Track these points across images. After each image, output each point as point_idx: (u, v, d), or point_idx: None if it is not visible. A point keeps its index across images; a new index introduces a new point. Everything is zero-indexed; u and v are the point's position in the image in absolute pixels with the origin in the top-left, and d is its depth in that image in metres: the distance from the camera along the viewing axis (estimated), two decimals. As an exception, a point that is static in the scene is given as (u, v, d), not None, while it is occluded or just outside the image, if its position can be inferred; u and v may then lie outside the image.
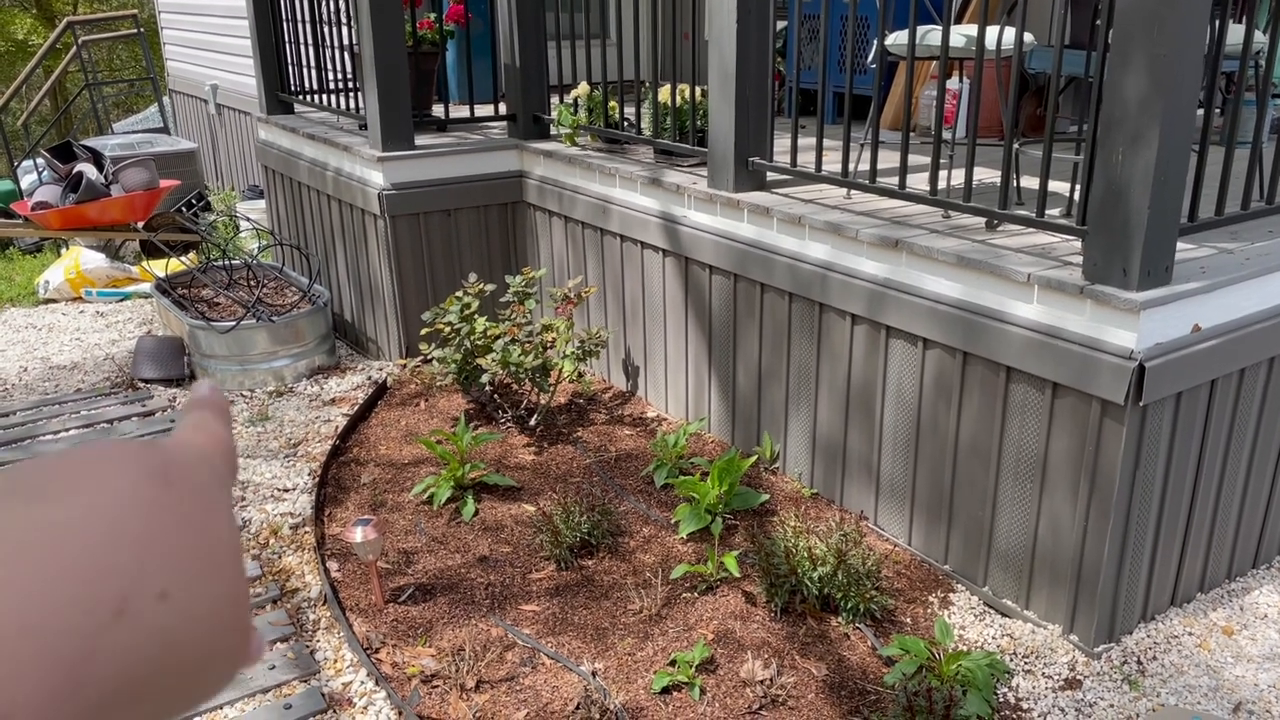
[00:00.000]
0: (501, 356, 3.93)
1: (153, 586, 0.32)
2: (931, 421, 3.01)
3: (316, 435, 4.12)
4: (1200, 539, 2.89)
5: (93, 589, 0.31)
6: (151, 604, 0.32)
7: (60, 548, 0.31)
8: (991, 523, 2.90)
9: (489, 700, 2.60)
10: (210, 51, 8.86)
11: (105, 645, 0.31)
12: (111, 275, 6.48)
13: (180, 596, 0.33)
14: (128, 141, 8.13)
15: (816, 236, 3.27)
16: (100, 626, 0.31)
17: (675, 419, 4.15)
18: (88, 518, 0.32)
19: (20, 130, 9.97)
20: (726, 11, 3.41)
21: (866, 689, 2.62)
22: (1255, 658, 2.72)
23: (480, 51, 5.61)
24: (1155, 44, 2.27)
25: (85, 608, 0.31)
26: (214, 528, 0.36)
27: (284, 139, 5.68)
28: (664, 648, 2.78)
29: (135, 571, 0.32)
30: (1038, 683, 2.64)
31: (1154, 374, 2.43)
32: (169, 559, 0.33)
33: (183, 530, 0.34)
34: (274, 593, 3.11)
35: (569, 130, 4.49)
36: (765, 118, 3.56)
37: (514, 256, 4.94)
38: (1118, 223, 2.44)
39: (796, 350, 3.45)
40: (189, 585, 0.34)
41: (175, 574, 0.33)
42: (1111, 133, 2.40)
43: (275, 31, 5.72)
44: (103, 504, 0.33)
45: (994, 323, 2.72)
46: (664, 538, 3.30)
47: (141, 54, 10.26)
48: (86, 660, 0.30)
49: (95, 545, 0.32)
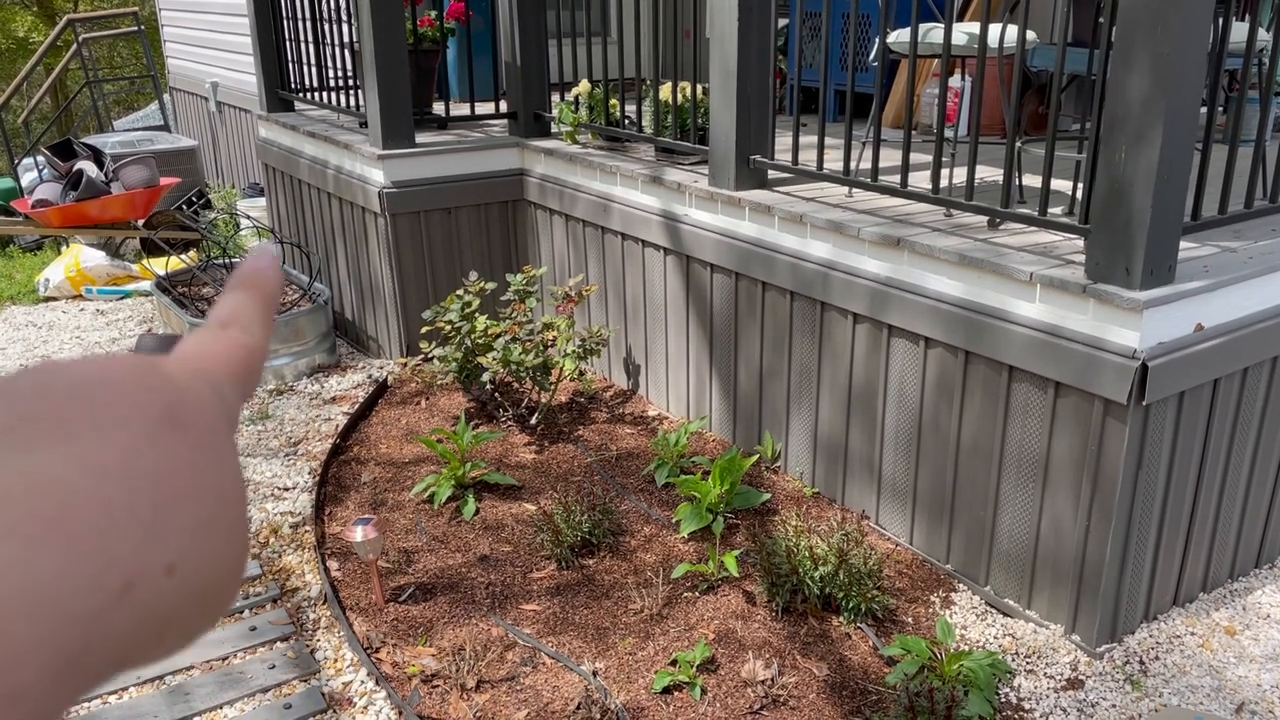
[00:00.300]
0: (502, 355, 3.92)
1: (161, 559, 0.29)
2: (933, 421, 3.00)
3: (317, 434, 4.11)
4: (1203, 539, 2.88)
5: (100, 563, 0.27)
6: (159, 579, 0.29)
7: (64, 513, 0.27)
8: (993, 522, 2.89)
9: (489, 700, 2.60)
10: (211, 49, 8.85)
11: (110, 624, 0.27)
12: (112, 273, 6.47)
13: (188, 567, 0.30)
14: (128, 139, 8.12)
15: (818, 235, 3.26)
16: (107, 605, 0.27)
17: (676, 418, 4.14)
18: (96, 476, 0.28)
19: (21, 128, 9.97)
20: (728, 9, 3.40)
21: (868, 689, 2.61)
22: (1258, 658, 2.72)
23: (481, 49, 5.60)
24: (1158, 42, 2.26)
25: (92, 584, 0.27)
26: (221, 480, 0.32)
27: (284, 137, 5.67)
28: (665, 647, 2.77)
29: (144, 543, 0.28)
30: (1040, 683, 2.63)
31: (1157, 373, 2.42)
32: (178, 527, 0.30)
33: (191, 490, 0.30)
34: (274, 592, 3.10)
35: (570, 128, 4.48)
36: (767, 116, 3.56)
37: (515, 255, 4.93)
38: (1120, 221, 2.43)
39: (798, 349, 3.44)
40: (197, 554, 0.30)
41: (183, 543, 0.30)
42: (1114, 131, 2.39)
43: (276, 29, 5.71)
44: (112, 459, 0.29)
45: (996, 322, 2.71)
46: (665, 537, 3.29)
47: (142, 51, 10.25)
48: (89, 641, 0.27)
49: (100, 511, 0.28)
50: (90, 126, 10.90)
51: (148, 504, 0.29)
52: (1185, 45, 2.25)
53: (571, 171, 4.44)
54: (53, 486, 0.28)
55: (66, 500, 0.27)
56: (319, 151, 5.20)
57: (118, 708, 2.65)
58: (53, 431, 0.29)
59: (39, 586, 0.26)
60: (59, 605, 0.26)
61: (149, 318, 5.90)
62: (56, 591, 0.26)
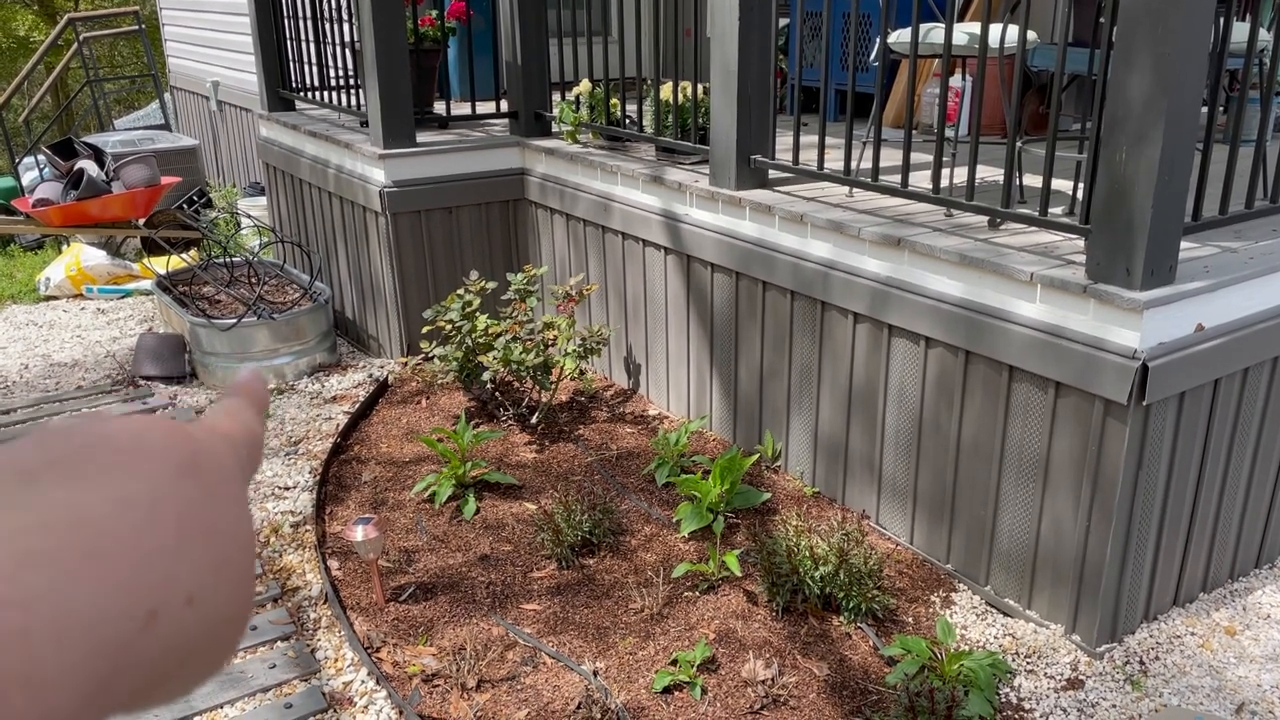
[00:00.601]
0: (503, 354, 3.92)
1: (182, 591, 0.31)
2: (934, 420, 3.00)
3: (317, 433, 4.11)
4: (1203, 539, 2.88)
5: (128, 593, 0.29)
6: (180, 610, 0.31)
7: (98, 544, 0.29)
8: (994, 522, 2.89)
9: (490, 700, 2.60)
10: (212, 48, 8.85)
11: (134, 654, 0.29)
12: (112, 272, 6.47)
13: (205, 600, 0.32)
14: (129, 138, 8.12)
15: (818, 235, 3.26)
16: (133, 634, 0.29)
17: (677, 417, 4.14)
18: (125, 512, 0.30)
19: (21, 127, 9.97)
20: (729, 8, 3.40)
21: (868, 689, 2.61)
22: (1258, 658, 2.72)
23: (482, 48, 5.60)
24: (1159, 42, 2.26)
25: (121, 614, 0.29)
26: (235, 524, 0.34)
27: (285, 136, 5.67)
28: (665, 647, 2.77)
29: (168, 575, 0.31)
30: (1040, 683, 2.63)
31: (1157, 374, 2.42)
32: (197, 561, 0.32)
33: (210, 529, 0.33)
34: (274, 591, 3.11)
35: (571, 128, 4.48)
36: (767, 115, 3.56)
37: (515, 254, 4.93)
38: (1121, 221, 2.43)
39: (798, 349, 3.44)
40: (213, 588, 0.32)
41: (202, 576, 0.32)
42: (1115, 131, 2.39)
43: (276, 28, 5.72)
44: (138, 495, 0.31)
45: (997, 322, 2.71)
46: (665, 536, 3.30)
47: (143, 50, 10.25)
48: (117, 668, 0.29)
49: (131, 543, 0.30)
50: (91, 125, 10.89)
51: (172, 537, 0.31)
52: (1186, 45, 2.25)
53: (572, 171, 4.44)
54: (89, 518, 0.30)
55: (101, 533, 0.30)
56: (320, 151, 5.20)
57: (118, 707, 2.65)
58: (87, 468, 0.31)
59: (73, 614, 0.28)
60: (91, 633, 0.28)
61: (149, 317, 5.90)
62: (90, 619, 0.28)
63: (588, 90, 4.49)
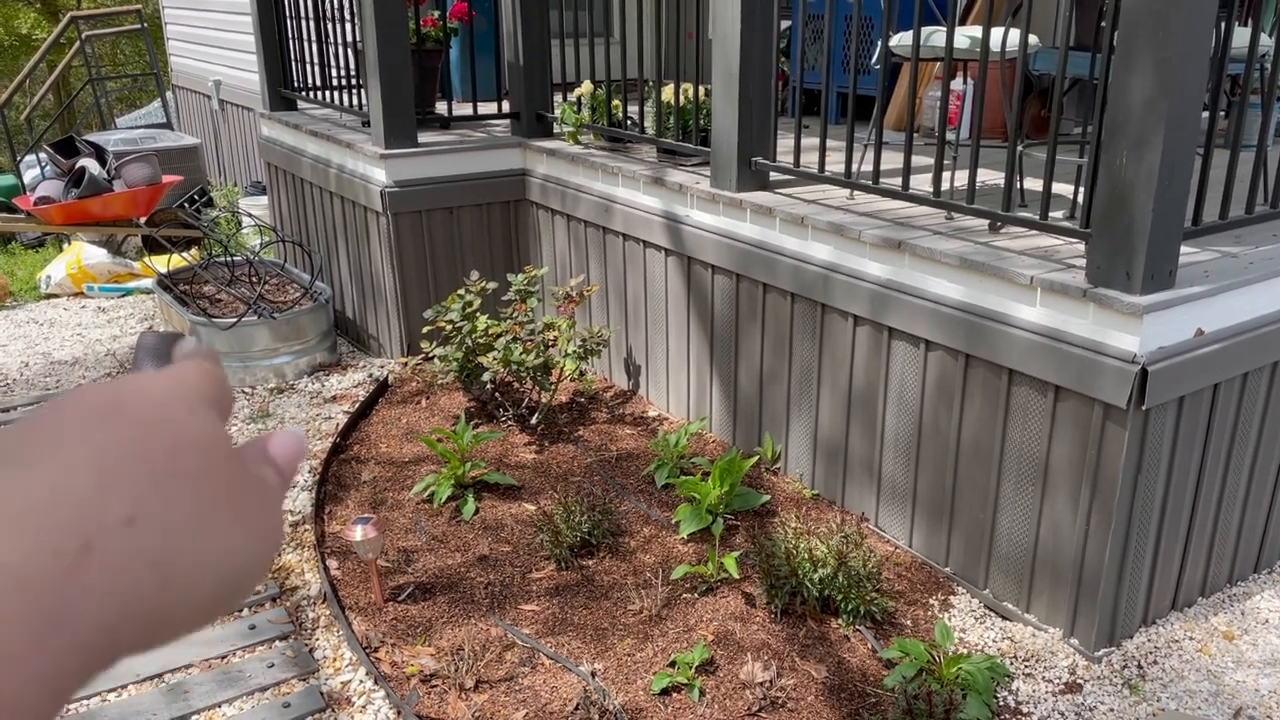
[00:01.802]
0: (503, 355, 3.92)
1: (116, 514, 0.33)
2: (933, 423, 3.00)
3: (317, 432, 4.11)
4: (1201, 543, 2.88)
5: (54, 530, 0.31)
6: (119, 532, 0.32)
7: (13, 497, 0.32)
8: (993, 525, 2.89)
9: (488, 700, 2.60)
10: (214, 47, 8.86)
11: (81, 582, 0.31)
12: (113, 271, 6.48)
13: (152, 515, 0.33)
14: (130, 137, 8.12)
15: (819, 237, 3.26)
16: (71, 566, 0.31)
17: (677, 418, 4.14)
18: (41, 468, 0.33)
19: (23, 125, 9.97)
20: (731, 11, 3.40)
21: (866, 691, 2.61)
22: (1256, 663, 2.72)
23: (484, 49, 5.60)
24: (1160, 46, 2.26)
25: (50, 550, 0.31)
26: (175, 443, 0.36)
27: (287, 135, 5.68)
28: (664, 648, 2.77)
29: (94, 503, 0.32)
30: (1038, 686, 2.63)
31: (1157, 378, 2.42)
32: (134, 483, 0.34)
33: (144, 455, 0.34)
34: (273, 591, 3.11)
35: (572, 129, 4.49)
36: (769, 117, 3.56)
37: (516, 255, 4.93)
38: (1121, 226, 2.43)
39: (799, 351, 3.44)
40: (160, 502, 0.34)
41: (141, 496, 0.33)
42: (1116, 135, 2.40)
43: (279, 28, 5.72)
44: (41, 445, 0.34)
45: (996, 325, 2.71)
46: (664, 538, 3.30)
47: (145, 49, 10.26)
48: (63, 601, 0.31)
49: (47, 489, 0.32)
50: (93, 124, 10.90)
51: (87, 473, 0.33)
52: (1187, 50, 2.25)
53: (574, 172, 4.45)
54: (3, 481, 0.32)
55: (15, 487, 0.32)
56: (321, 150, 5.20)
57: (116, 705, 2.65)
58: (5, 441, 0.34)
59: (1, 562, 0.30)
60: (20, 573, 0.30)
61: (150, 315, 5.90)
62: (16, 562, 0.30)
63: (589, 91, 4.49)
